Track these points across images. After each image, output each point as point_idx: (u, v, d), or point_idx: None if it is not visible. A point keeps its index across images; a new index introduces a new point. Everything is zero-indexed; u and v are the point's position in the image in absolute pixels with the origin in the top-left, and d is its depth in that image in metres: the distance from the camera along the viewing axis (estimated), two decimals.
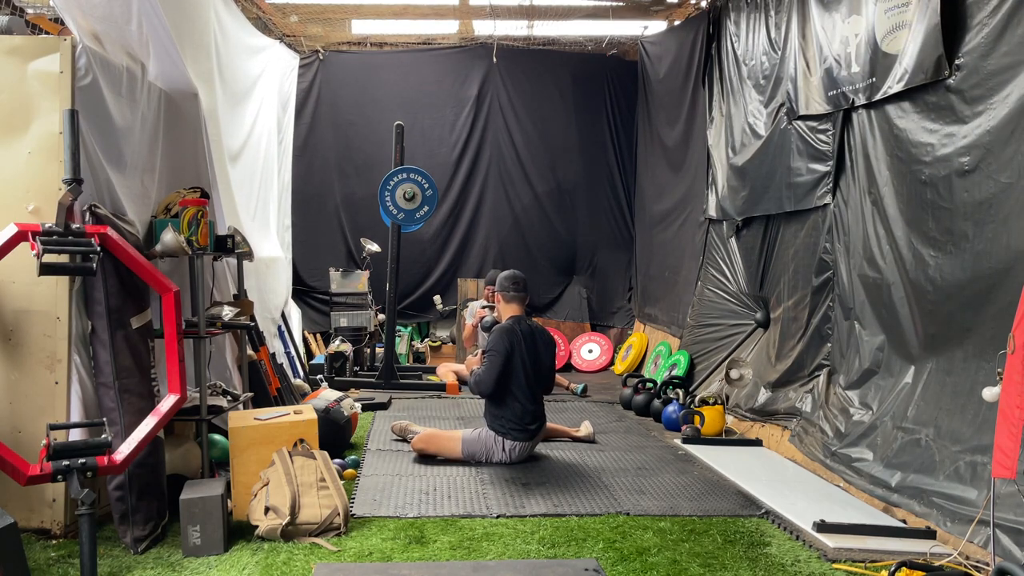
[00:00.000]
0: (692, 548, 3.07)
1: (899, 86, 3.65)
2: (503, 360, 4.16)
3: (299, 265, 7.57)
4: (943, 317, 3.42)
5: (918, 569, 2.70)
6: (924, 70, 3.45)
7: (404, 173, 6.22)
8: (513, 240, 8.26)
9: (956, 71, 3.29)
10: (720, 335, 5.78)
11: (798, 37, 4.69)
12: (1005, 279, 3.04)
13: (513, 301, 4.38)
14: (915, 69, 3.52)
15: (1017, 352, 2.46)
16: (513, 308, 4.37)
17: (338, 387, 5.81)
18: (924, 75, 3.45)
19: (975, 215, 3.20)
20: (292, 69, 6.98)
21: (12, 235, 2.75)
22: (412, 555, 2.94)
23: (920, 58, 3.48)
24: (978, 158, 3.17)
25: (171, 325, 3.14)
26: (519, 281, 4.39)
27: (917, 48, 3.49)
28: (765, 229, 5.21)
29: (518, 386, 4.19)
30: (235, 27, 5.15)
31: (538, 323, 4.48)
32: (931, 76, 3.41)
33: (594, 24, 7.38)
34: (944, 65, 3.33)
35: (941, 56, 3.33)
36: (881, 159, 3.88)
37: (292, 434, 3.39)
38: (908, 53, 3.58)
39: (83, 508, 2.50)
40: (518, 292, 4.38)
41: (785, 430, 4.58)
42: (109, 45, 3.45)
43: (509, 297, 4.38)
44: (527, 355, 4.21)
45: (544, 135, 8.27)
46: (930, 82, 3.43)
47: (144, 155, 3.69)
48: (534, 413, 4.24)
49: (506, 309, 4.40)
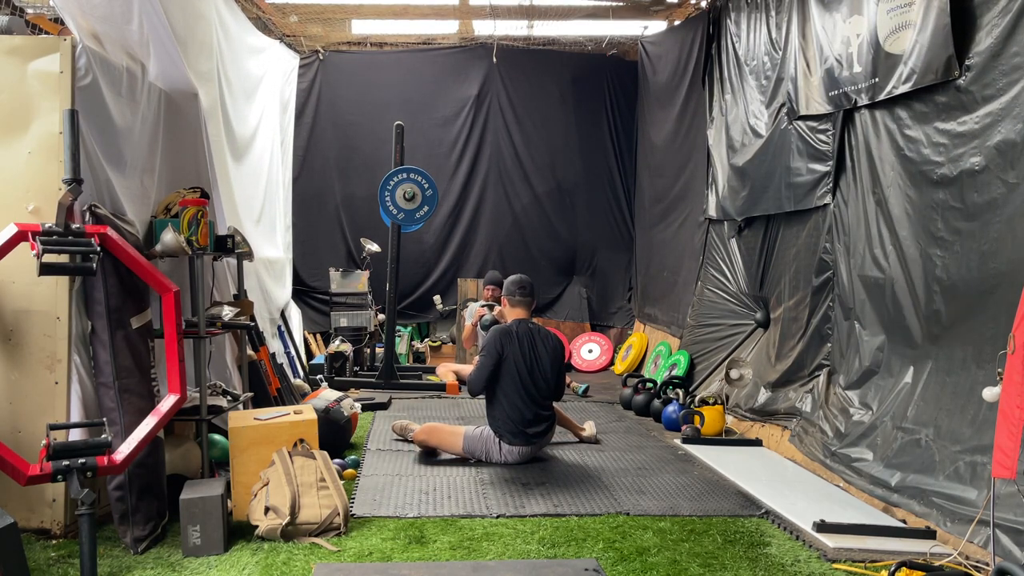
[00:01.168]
0: (692, 548, 3.07)
1: (906, 86, 3.64)
2: (493, 361, 4.18)
3: (299, 265, 7.57)
4: (947, 317, 3.42)
5: (918, 569, 2.70)
6: (934, 70, 3.43)
7: (404, 173, 6.22)
8: (513, 240, 8.26)
9: (966, 71, 3.28)
10: (720, 335, 5.78)
11: (798, 37, 4.69)
12: (1009, 279, 3.04)
13: (518, 305, 4.41)
14: (924, 69, 3.50)
15: (1017, 352, 2.46)
16: (518, 312, 4.40)
17: (338, 387, 5.81)
18: (934, 75, 3.44)
19: (983, 215, 3.20)
20: (292, 69, 6.98)
21: (12, 235, 2.75)
22: (412, 555, 2.94)
23: (929, 58, 3.46)
24: (988, 158, 3.17)
25: (171, 325, 3.14)
26: (525, 285, 4.43)
27: (925, 48, 3.49)
28: (765, 229, 5.21)
29: (513, 388, 4.18)
30: (237, 27, 5.15)
31: (545, 327, 4.46)
32: (941, 76, 3.40)
33: (594, 24, 7.38)
34: (954, 65, 3.31)
35: (952, 56, 3.31)
36: (886, 159, 3.87)
37: (292, 434, 3.39)
38: (915, 53, 3.57)
39: (83, 508, 2.50)
40: (524, 296, 4.41)
41: (785, 430, 4.58)
42: (109, 45, 3.45)
43: (515, 301, 4.42)
44: (524, 358, 4.20)
45: (544, 135, 8.27)
46: (940, 82, 3.42)
47: (144, 155, 3.69)
48: (534, 418, 4.21)
49: (511, 313, 4.43)
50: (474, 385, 4.26)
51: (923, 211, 3.58)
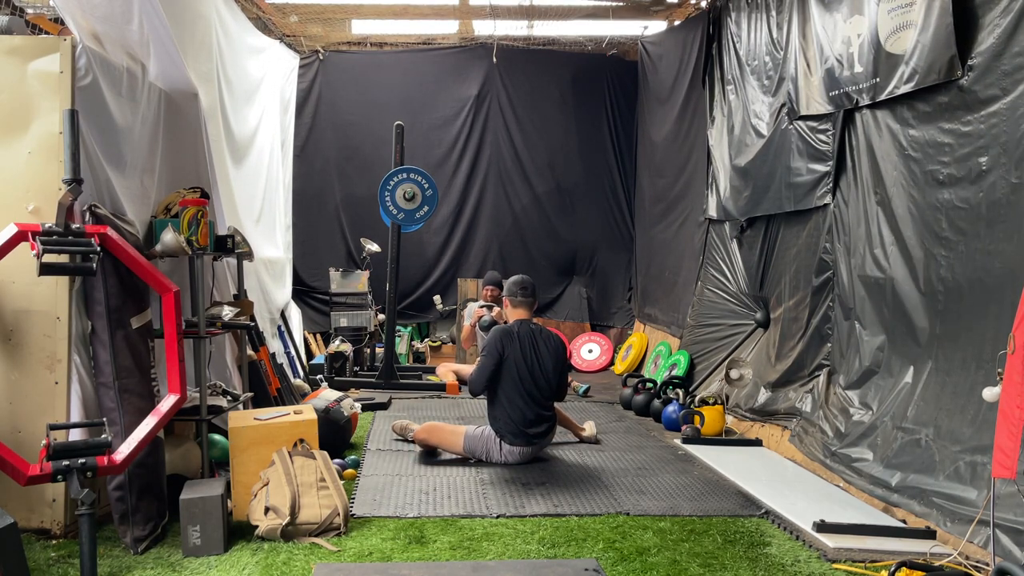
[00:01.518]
0: (692, 548, 3.07)
1: (908, 86, 3.64)
2: (494, 361, 4.19)
3: (299, 265, 7.57)
4: (951, 317, 3.41)
5: (918, 569, 2.70)
6: (936, 70, 3.43)
7: (404, 173, 6.22)
8: (513, 240, 8.26)
9: (969, 71, 3.28)
10: (720, 335, 5.78)
11: (799, 37, 4.69)
12: (1012, 280, 3.03)
13: (520, 306, 4.41)
14: (926, 69, 3.50)
15: (1017, 352, 2.46)
16: (520, 312, 4.40)
17: (338, 387, 5.81)
18: (937, 75, 3.43)
19: (988, 215, 3.20)
20: (292, 69, 6.98)
21: (12, 235, 2.75)
22: (412, 555, 2.94)
23: (931, 58, 3.46)
24: (992, 158, 3.17)
25: (171, 325, 3.14)
26: (527, 286, 4.44)
27: (927, 48, 3.48)
28: (765, 229, 5.21)
29: (513, 389, 4.18)
30: (237, 27, 5.15)
31: (546, 327, 4.45)
32: (944, 76, 3.39)
33: (594, 24, 7.38)
34: (957, 65, 3.31)
35: (954, 56, 3.31)
36: (888, 159, 3.87)
37: (292, 434, 3.39)
38: (916, 53, 3.56)
39: (83, 508, 2.50)
40: (525, 297, 4.42)
41: (785, 430, 4.58)
42: (109, 45, 3.45)
43: (516, 302, 4.42)
44: (525, 358, 4.20)
45: (544, 135, 8.27)
46: (943, 82, 3.42)
47: (144, 155, 3.69)
48: (535, 418, 4.21)
49: (513, 313, 4.44)
50: (475, 385, 4.27)
51: (927, 211, 3.58)
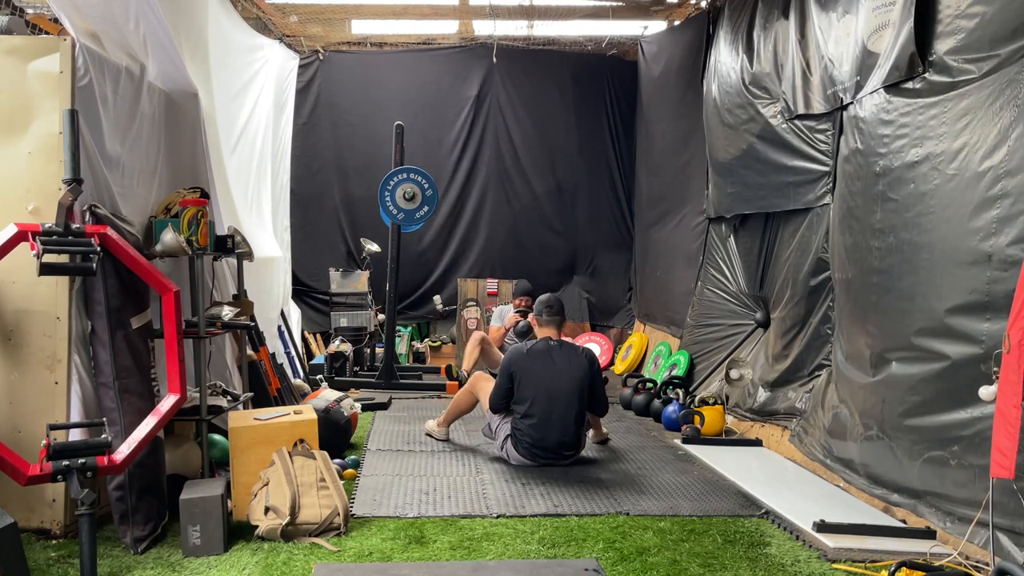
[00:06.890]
0: (692, 548, 3.07)
1: (878, 83, 3.70)
2: (505, 380, 4.21)
3: (299, 265, 7.57)
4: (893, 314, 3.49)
5: (918, 569, 2.71)
6: (899, 67, 3.51)
7: (404, 173, 6.22)
8: (513, 240, 8.25)
9: (930, 68, 3.35)
10: (720, 335, 5.78)
11: (797, 36, 4.69)
12: (943, 272, 3.15)
13: (547, 325, 4.40)
14: (892, 68, 3.58)
15: (1012, 351, 2.45)
16: (547, 331, 4.39)
17: (338, 387, 5.81)
18: (899, 72, 3.52)
19: (918, 205, 3.33)
20: (291, 69, 6.98)
21: (12, 235, 2.75)
22: (412, 555, 2.94)
23: (898, 56, 3.53)
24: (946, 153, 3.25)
25: (171, 325, 3.14)
26: (553, 304, 4.44)
27: (898, 46, 3.53)
28: (764, 229, 5.21)
29: (534, 410, 4.11)
30: (229, 25, 5.15)
31: (569, 342, 4.39)
32: (905, 73, 3.48)
33: (594, 24, 7.37)
34: (917, 62, 3.39)
35: (914, 54, 3.39)
36: (858, 160, 3.90)
37: (292, 434, 3.39)
38: (887, 51, 3.62)
39: (83, 508, 2.51)
40: (551, 316, 4.40)
41: (785, 430, 4.58)
42: (108, 45, 3.46)
43: (543, 321, 4.42)
44: (537, 375, 4.16)
45: (544, 135, 8.26)
46: (904, 79, 3.51)
47: (144, 155, 3.69)
48: (556, 446, 4.11)
49: (541, 332, 4.43)
50: (494, 404, 4.28)
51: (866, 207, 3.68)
